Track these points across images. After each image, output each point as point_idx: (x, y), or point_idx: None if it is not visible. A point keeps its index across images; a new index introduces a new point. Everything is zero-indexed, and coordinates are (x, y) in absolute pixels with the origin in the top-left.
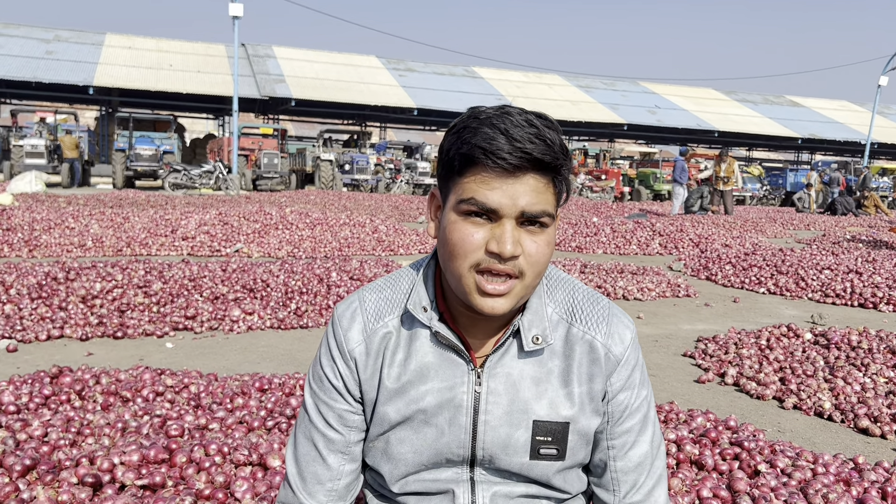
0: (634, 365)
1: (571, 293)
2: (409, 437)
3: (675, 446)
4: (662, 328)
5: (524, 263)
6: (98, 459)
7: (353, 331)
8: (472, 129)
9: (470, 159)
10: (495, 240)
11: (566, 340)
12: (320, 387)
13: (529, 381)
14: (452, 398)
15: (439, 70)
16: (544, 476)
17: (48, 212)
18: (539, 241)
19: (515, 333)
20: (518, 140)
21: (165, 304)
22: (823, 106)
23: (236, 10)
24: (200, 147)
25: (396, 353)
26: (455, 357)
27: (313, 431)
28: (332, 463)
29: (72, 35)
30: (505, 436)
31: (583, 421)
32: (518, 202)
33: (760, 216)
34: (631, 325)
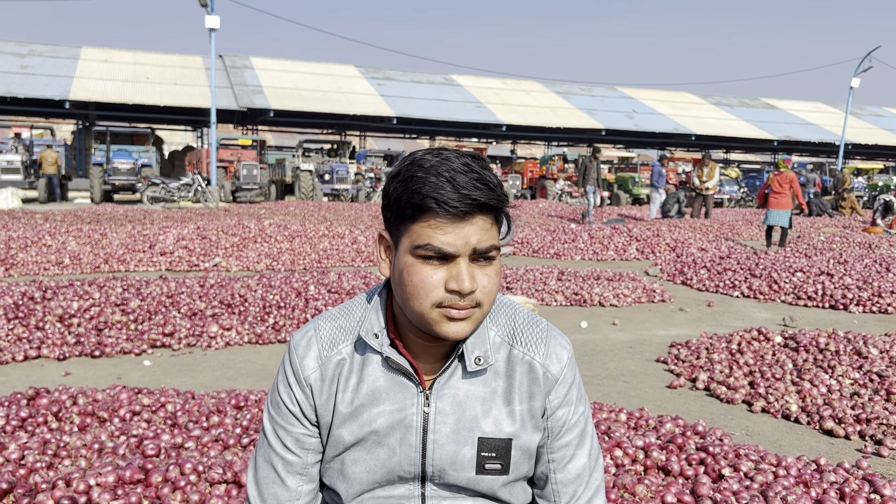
0: (571, 383)
1: (513, 317)
2: (362, 457)
3: (643, 453)
4: (637, 334)
5: (480, 295)
6: (74, 481)
7: (309, 358)
8: (419, 179)
9: (422, 208)
10: (454, 279)
11: (508, 361)
12: (278, 412)
13: (474, 400)
14: (403, 419)
15: (418, 78)
16: (490, 490)
17: (24, 229)
18: (490, 273)
19: (460, 356)
20: (464, 187)
21: (143, 321)
22: (798, 108)
23: (213, 22)
24: (179, 159)
25: (350, 378)
26: (405, 380)
27: (272, 455)
28: (291, 484)
29: (47, 49)
30: (452, 453)
31: (524, 437)
32: (470, 242)
33: (737, 219)
34: (568, 346)
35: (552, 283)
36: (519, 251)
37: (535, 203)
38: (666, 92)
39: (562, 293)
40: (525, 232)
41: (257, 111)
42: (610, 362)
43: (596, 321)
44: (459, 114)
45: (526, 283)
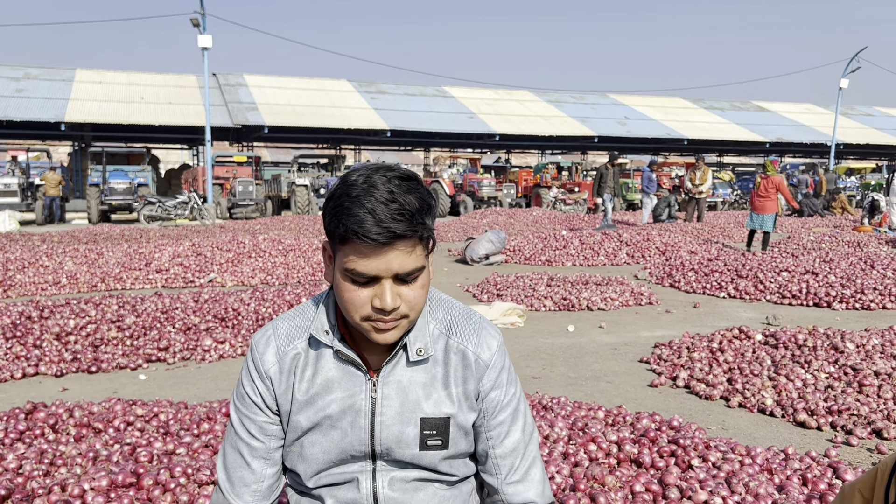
0: (501, 368)
1: (449, 312)
2: (318, 440)
3: (616, 446)
4: (622, 336)
5: (405, 308)
6: (69, 486)
7: (268, 354)
8: (345, 210)
9: (346, 238)
10: (378, 298)
11: (445, 350)
12: (243, 403)
13: (416, 385)
14: (353, 404)
15: (411, 91)
16: (433, 464)
17: (22, 251)
18: (415, 288)
19: (404, 347)
20: (384, 221)
21: (138, 337)
22: (789, 110)
23: (205, 41)
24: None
25: (305, 370)
26: (354, 370)
27: (239, 442)
28: (256, 468)
29: (41, 72)
30: (398, 432)
31: (461, 416)
32: (391, 267)
33: (729, 221)
34: (497, 335)
35: (541, 289)
36: (511, 259)
37: (530, 211)
38: (657, 98)
39: (550, 298)
40: (517, 240)
41: (252, 128)
42: (594, 364)
43: (583, 325)
44: (452, 125)
45: (516, 289)
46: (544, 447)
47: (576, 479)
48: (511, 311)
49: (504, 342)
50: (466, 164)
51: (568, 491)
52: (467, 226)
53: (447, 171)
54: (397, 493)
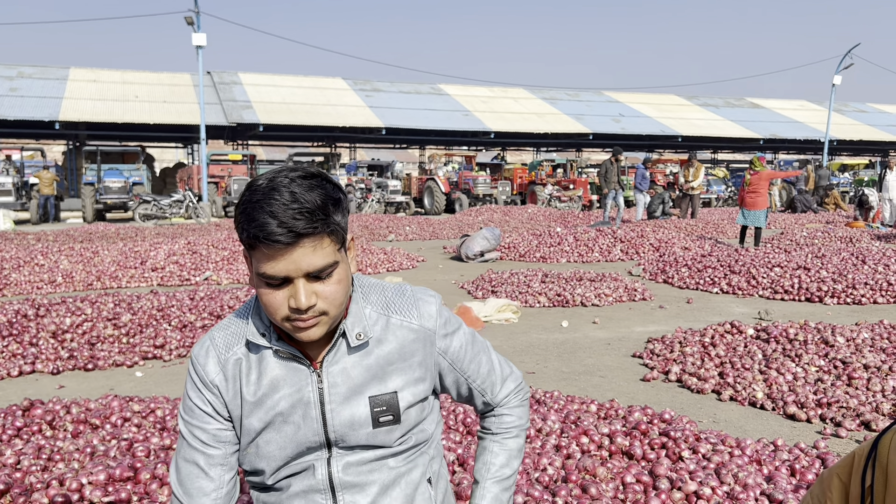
0: (445, 321)
1: (383, 292)
2: (273, 437)
3: (608, 439)
4: (615, 331)
5: (323, 304)
6: (67, 481)
7: (210, 364)
8: (247, 215)
9: (251, 243)
10: (293, 297)
11: (387, 329)
12: (192, 416)
13: (361, 368)
14: (301, 398)
15: (406, 89)
16: (387, 441)
17: (17, 250)
18: (330, 284)
19: (343, 335)
20: (285, 222)
21: (135, 334)
22: (783, 106)
23: (199, 39)
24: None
25: (250, 373)
26: (298, 365)
27: (194, 453)
28: (215, 475)
29: (35, 71)
30: (349, 415)
31: (408, 389)
32: (301, 266)
33: (723, 217)
34: (433, 298)
35: (535, 286)
36: (506, 255)
37: (525, 209)
38: (652, 95)
39: (545, 295)
40: (512, 237)
41: (247, 126)
42: (588, 359)
43: (577, 320)
44: (448, 122)
45: (510, 286)
46: (537, 440)
47: (567, 471)
48: (505, 308)
49: (490, 330)
50: (462, 162)
51: (560, 482)
52: (462, 223)
53: (442, 169)
54: (352, 477)
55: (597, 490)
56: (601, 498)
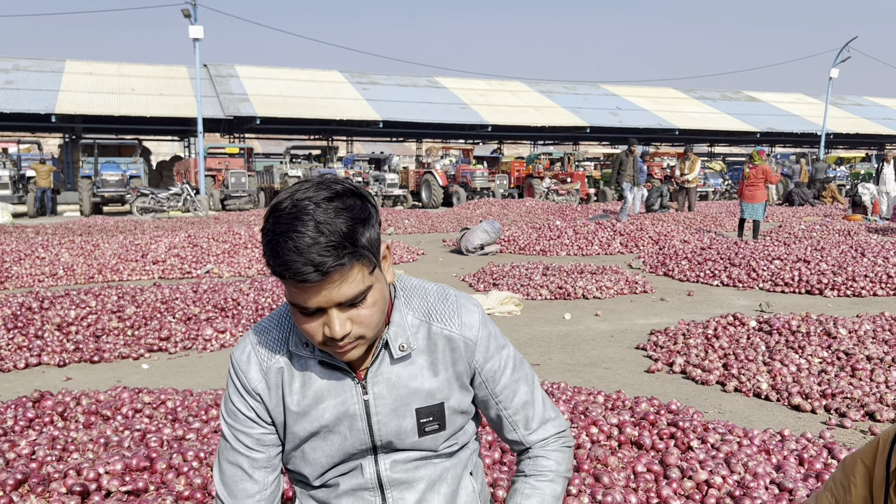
0: (489, 337)
1: (425, 297)
2: (319, 445)
3: (617, 430)
4: (618, 324)
5: (359, 330)
6: (84, 470)
7: (252, 371)
8: (273, 249)
9: (281, 275)
10: (328, 326)
11: (429, 338)
12: (235, 420)
13: (405, 379)
14: (346, 410)
15: (403, 82)
16: (432, 445)
17: (17, 243)
18: (366, 307)
19: (385, 345)
20: (311, 260)
21: (139, 327)
22: (780, 100)
23: (196, 32)
24: (167, 169)
25: (293, 382)
26: (342, 375)
27: (238, 456)
28: (259, 478)
29: (31, 63)
30: (396, 427)
31: (453, 398)
32: (332, 298)
33: (721, 211)
34: (477, 308)
35: (537, 278)
36: (505, 248)
37: (523, 202)
38: (649, 88)
39: (546, 287)
40: (511, 230)
41: (244, 119)
42: (591, 350)
43: (579, 313)
44: (445, 115)
45: (512, 278)
46: None
47: (579, 461)
48: (508, 300)
49: (495, 323)
50: (459, 155)
51: (572, 472)
52: (461, 216)
53: (440, 162)
54: (399, 474)
55: (609, 479)
56: (613, 486)
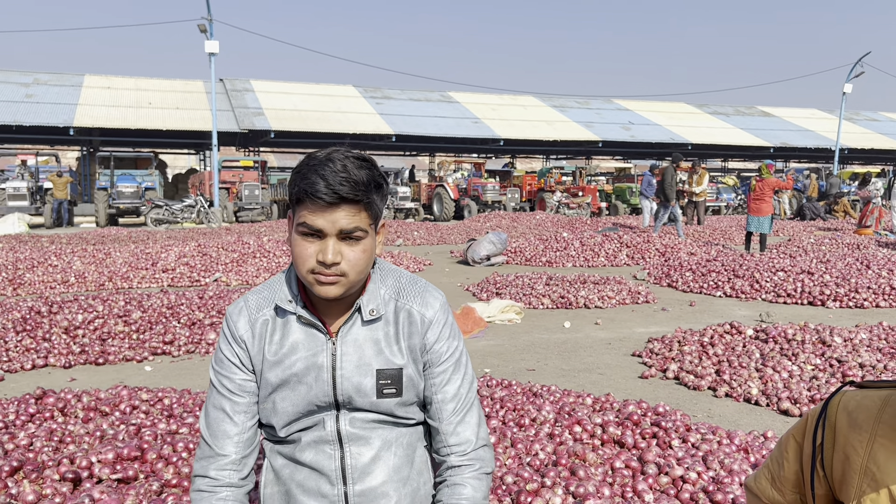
0: (444, 324)
1: (398, 278)
2: (288, 395)
3: (601, 429)
4: (617, 332)
5: (345, 266)
6: (77, 459)
7: (241, 322)
8: (303, 176)
9: (301, 198)
10: (322, 251)
11: (395, 312)
12: (221, 367)
13: (371, 342)
14: (316, 361)
15: (416, 96)
16: (389, 409)
17: (31, 251)
18: (356, 249)
19: (358, 310)
20: (332, 184)
21: (144, 331)
22: (794, 115)
23: (212, 46)
24: (182, 182)
25: (274, 334)
26: (316, 332)
27: (221, 400)
28: (239, 421)
29: (51, 77)
30: (357, 383)
31: (409, 368)
32: (336, 224)
33: (731, 225)
34: (440, 296)
35: (539, 288)
36: (512, 260)
37: (533, 215)
38: (662, 103)
39: (548, 297)
40: (518, 241)
41: (258, 133)
42: (588, 357)
43: (579, 321)
44: (457, 130)
45: (515, 288)
46: (531, 428)
47: (558, 455)
48: (509, 308)
49: (495, 333)
50: (471, 169)
51: (550, 465)
52: (470, 229)
53: (451, 176)
54: (358, 430)
55: (585, 473)
56: (589, 480)
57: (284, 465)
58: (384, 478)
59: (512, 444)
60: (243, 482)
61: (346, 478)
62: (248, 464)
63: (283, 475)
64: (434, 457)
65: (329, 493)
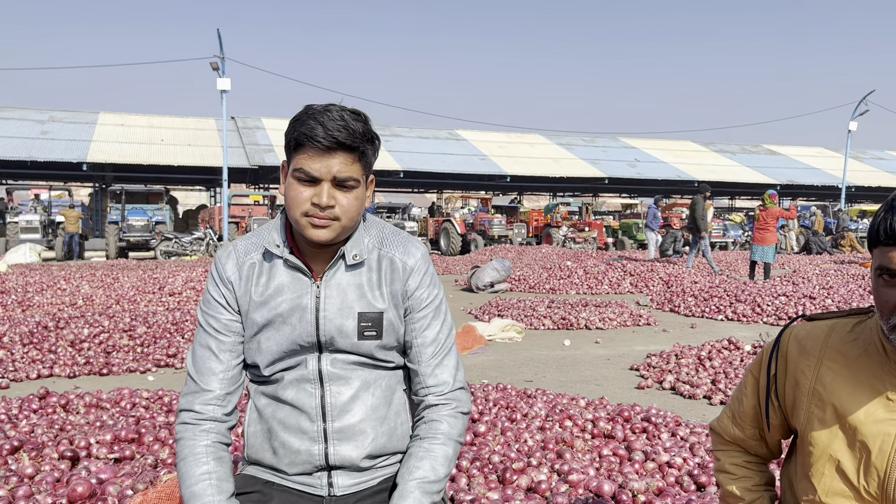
0: (425, 272)
1: (382, 229)
2: (272, 335)
3: (591, 423)
4: (616, 350)
5: (338, 211)
6: (76, 440)
7: (229, 264)
8: (302, 122)
9: (299, 142)
10: (317, 195)
11: (378, 259)
12: (209, 307)
13: (354, 286)
14: (300, 303)
15: (424, 134)
16: (369, 351)
17: (41, 276)
18: (349, 196)
19: (342, 256)
20: (329, 129)
21: (149, 345)
22: (800, 153)
23: (224, 84)
24: (192, 218)
25: (261, 276)
26: (301, 276)
27: (208, 338)
28: (224, 358)
29: (66, 115)
30: (339, 324)
31: (390, 312)
32: (332, 171)
33: (737, 258)
34: (422, 246)
35: (541, 310)
36: (515, 287)
37: (539, 248)
38: (668, 141)
39: (550, 318)
40: (523, 270)
41: (268, 169)
42: (586, 371)
43: (580, 341)
44: (465, 166)
45: (517, 310)
46: (522, 422)
47: (546, 442)
48: (510, 327)
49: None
50: (478, 205)
51: (537, 450)
52: (476, 261)
53: (458, 211)
54: (338, 370)
55: (571, 455)
56: (575, 461)
57: (267, 404)
58: (362, 416)
59: (502, 433)
60: (227, 418)
61: (326, 415)
62: (231, 401)
63: (266, 413)
64: (413, 398)
65: (309, 429)
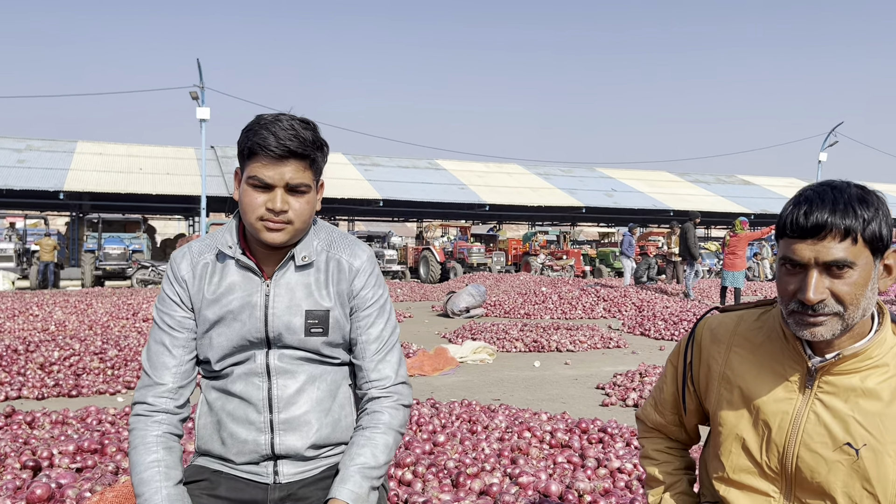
0: (370, 273)
1: (331, 233)
2: (224, 331)
3: (550, 434)
4: (585, 370)
5: (292, 215)
6: (39, 450)
7: (184, 264)
8: (254, 131)
9: (252, 151)
10: (271, 201)
11: (326, 261)
12: (164, 305)
13: (302, 286)
14: (250, 301)
15: (404, 164)
16: (315, 347)
17: (13, 303)
18: (301, 201)
19: (292, 257)
20: (281, 139)
21: (120, 367)
22: (773, 183)
23: (203, 113)
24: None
25: (213, 276)
26: (252, 276)
27: (162, 335)
28: (177, 354)
29: (44, 144)
30: (287, 321)
31: (337, 310)
32: (284, 178)
33: (710, 285)
34: (368, 249)
35: (514, 333)
36: (491, 312)
37: (517, 276)
38: (644, 171)
39: (521, 341)
40: (498, 296)
41: None
42: (553, 390)
43: (550, 362)
44: (444, 195)
45: (490, 333)
46: (482, 433)
47: (502, 450)
48: (481, 349)
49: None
50: (457, 233)
51: (492, 457)
52: (452, 287)
53: (438, 240)
54: (285, 364)
55: (525, 461)
56: (528, 466)
57: (217, 397)
58: (307, 408)
59: (461, 442)
60: (179, 410)
61: (273, 407)
62: (183, 394)
63: (216, 406)
64: (357, 392)
65: (256, 420)
